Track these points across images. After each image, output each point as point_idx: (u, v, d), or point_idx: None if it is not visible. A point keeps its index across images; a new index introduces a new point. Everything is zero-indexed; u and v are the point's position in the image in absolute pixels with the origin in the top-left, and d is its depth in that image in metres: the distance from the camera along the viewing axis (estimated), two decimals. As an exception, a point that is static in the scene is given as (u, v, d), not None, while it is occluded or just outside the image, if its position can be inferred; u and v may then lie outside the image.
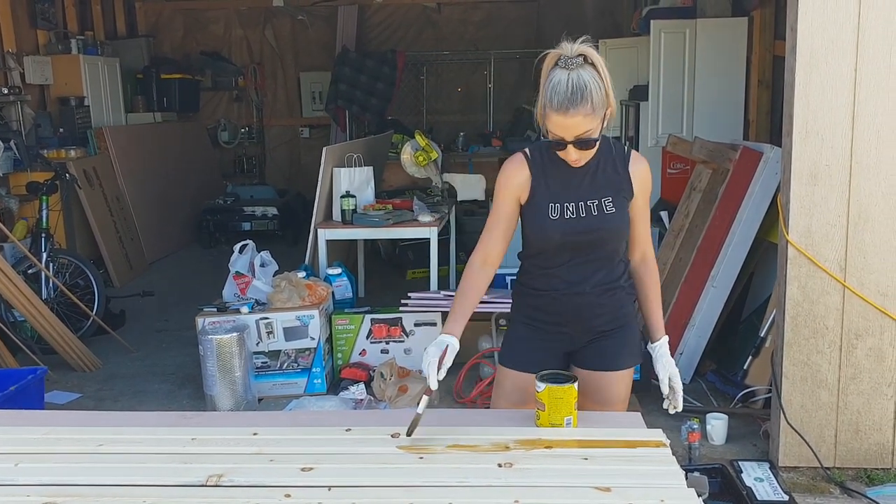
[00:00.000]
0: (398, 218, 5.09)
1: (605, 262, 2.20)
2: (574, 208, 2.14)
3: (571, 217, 2.14)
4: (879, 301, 3.21)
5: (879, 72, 3.10)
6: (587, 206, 2.14)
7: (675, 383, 2.21)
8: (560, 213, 2.14)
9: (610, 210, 2.15)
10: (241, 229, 8.27)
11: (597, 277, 2.20)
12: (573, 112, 1.97)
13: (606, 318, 2.24)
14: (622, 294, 2.26)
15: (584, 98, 1.96)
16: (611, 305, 2.24)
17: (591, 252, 2.18)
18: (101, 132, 7.38)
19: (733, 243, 4.30)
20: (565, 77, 1.98)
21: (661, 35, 5.91)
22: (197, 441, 1.91)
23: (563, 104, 1.97)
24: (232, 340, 4.02)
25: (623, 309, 2.27)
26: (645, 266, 2.30)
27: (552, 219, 2.14)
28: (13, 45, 6.75)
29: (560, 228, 2.14)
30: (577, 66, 1.98)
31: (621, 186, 2.17)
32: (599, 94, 1.98)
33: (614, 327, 2.26)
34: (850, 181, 3.17)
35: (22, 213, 6.01)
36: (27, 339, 4.85)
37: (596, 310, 2.22)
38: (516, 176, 2.17)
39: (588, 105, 1.97)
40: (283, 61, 10.07)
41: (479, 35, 9.78)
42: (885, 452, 3.33)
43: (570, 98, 1.97)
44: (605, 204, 2.15)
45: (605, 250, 2.19)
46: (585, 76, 1.98)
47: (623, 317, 2.27)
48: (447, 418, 2.07)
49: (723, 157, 4.48)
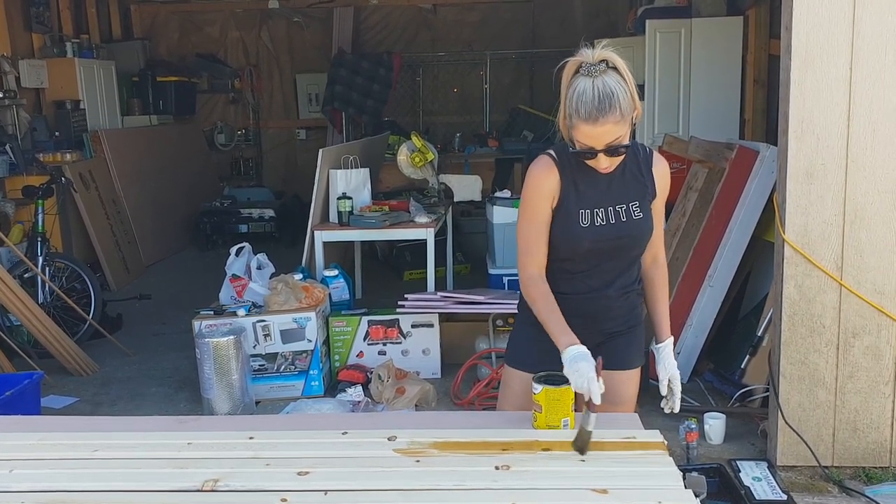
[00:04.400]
0: (395, 219, 5.08)
1: (627, 267, 2.20)
2: (604, 214, 2.11)
3: (602, 224, 2.11)
4: (876, 299, 3.21)
5: (874, 70, 3.10)
6: (616, 212, 2.11)
7: (675, 385, 2.21)
8: (591, 220, 2.10)
9: (638, 215, 2.13)
10: (238, 231, 8.28)
11: (618, 282, 2.19)
12: (603, 121, 1.93)
13: (619, 321, 2.25)
14: (634, 297, 2.26)
15: (612, 105, 1.92)
16: (625, 308, 2.24)
17: (616, 257, 2.16)
18: (96, 135, 7.37)
19: (730, 242, 4.29)
20: (590, 85, 1.93)
21: (657, 35, 5.92)
22: (193, 446, 1.90)
23: (592, 113, 1.92)
24: (229, 343, 4.01)
25: (634, 311, 2.27)
26: (656, 267, 2.29)
27: (583, 226, 2.10)
28: (8, 49, 6.74)
29: (590, 236, 2.10)
30: (600, 73, 1.94)
31: (646, 189, 2.15)
32: (626, 99, 1.94)
33: (624, 328, 2.26)
34: (846, 179, 3.17)
35: (18, 217, 6.00)
36: (23, 343, 4.84)
37: (611, 312, 2.22)
38: (548, 180, 2.11)
39: (617, 112, 1.93)
40: (279, 63, 10.06)
41: (474, 36, 9.78)
42: (882, 451, 3.32)
43: (599, 107, 1.92)
44: (633, 209, 2.12)
45: (630, 255, 2.18)
46: (611, 82, 1.93)
47: (633, 318, 2.28)
48: (444, 420, 2.07)
49: (719, 157, 4.49)
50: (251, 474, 1.74)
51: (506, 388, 2.34)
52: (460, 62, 9.87)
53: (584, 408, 1.86)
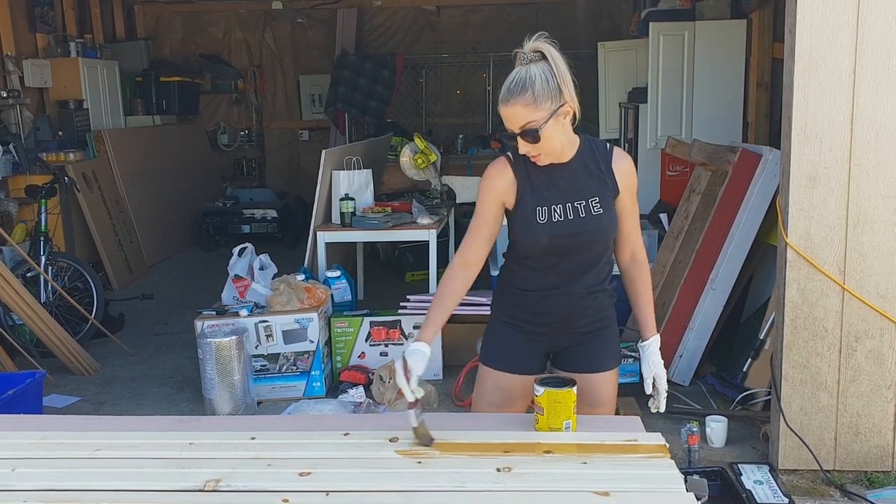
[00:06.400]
0: (397, 220, 5.08)
1: (593, 264, 2.20)
2: (562, 210, 2.13)
3: (559, 220, 2.12)
4: (879, 303, 3.20)
5: (878, 74, 3.10)
6: (574, 208, 2.13)
7: (660, 384, 2.21)
8: (548, 216, 2.13)
9: (597, 211, 2.14)
10: (241, 232, 8.28)
11: (584, 279, 2.20)
12: (512, 102, 2.01)
13: (589, 321, 2.25)
14: (604, 297, 2.26)
15: (523, 88, 1.99)
16: (594, 308, 2.24)
17: (579, 254, 2.17)
18: (100, 135, 7.38)
19: (732, 245, 4.29)
20: (516, 71, 2.03)
21: (660, 37, 5.92)
22: (194, 446, 1.90)
23: (505, 95, 2.03)
24: (231, 344, 4.02)
25: (605, 311, 2.27)
26: (635, 265, 2.29)
27: (540, 223, 2.13)
28: (12, 49, 6.75)
29: (548, 232, 2.12)
30: (528, 62, 2.02)
31: (606, 185, 2.16)
32: (544, 87, 1.99)
33: (596, 329, 2.26)
34: (849, 183, 3.16)
35: (21, 217, 6.01)
36: (26, 342, 4.85)
37: (580, 311, 2.22)
38: (501, 179, 2.17)
39: (527, 95, 1.99)
40: (282, 64, 10.07)
41: (477, 38, 9.78)
42: (885, 455, 3.32)
43: (511, 89, 2.01)
44: (593, 205, 2.14)
45: (594, 251, 2.18)
46: (535, 70, 2.00)
47: (604, 319, 2.28)
48: (446, 422, 2.07)
49: (722, 160, 4.48)
50: (253, 475, 1.74)
51: (479, 387, 2.33)
52: (463, 64, 9.88)
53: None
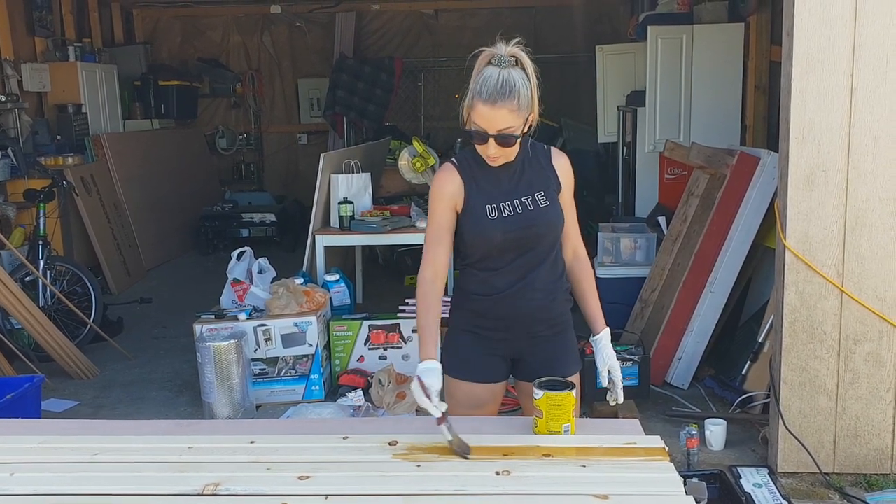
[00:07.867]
0: (396, 224, 5.08)
1: (545, 258, 2.22)
2: (510, 206, 2.17)
3: (510, 214, 2.17)
4: (877, 306, 3.21)
5: (876, 76, 3.10)
6: (522, 203, 2.18)
7: (615, 375, 2.22)
8: (498, 212, 2.17)
9: (544, 203, 2.19)
10: (239, 236, 8.28)
11: (541, 273, 2.22)
12: (500, 104, 2.02)
13: (547, 324, 2.26)
14: (562, 301, 2.29)
15: (512, 94, 2.02)
16: (552, 311, 2.26)
17: (531, 248, 2.20)
18: (98, 139, 7.38)
19: (731, 248, 4.30)
20: (497, 73, 2.04)
21: (658, 41, 5.92)
22: (193, 450, 1.90)
23: (492, 95, 2.02)
24: (230, 347, 4.01)
25: (563, 316, 2.30)
26: (578, 261, 2.34)
27: (491, 219, 2.16)
28: (11, 53, 6.75)
29: (500, 227, 2.16)
30: (508, 66, 2.04)
31: (549, 181, 2.22)
32: (526, 95, 2.04)
33: (554, 334, 2.28)
34: (847, 186, 3.17)
35: (19, 221, 6.00)
36: (24, 346, 4.84)
37: (537, 314, 2.24)
38: (449, 184, 2.19)
39: (515, 101, 2.02)
40: (280, 68, 10.08)
41: (476, 42, 9.55)
42: (884, 458, 3.32)
43: (500, 90, 2.02)
44: (539, 198, 2.19)
45: (545, 245, 2.22)
46: (516, 76, 2.03)
47: (562, 323, 2.30)
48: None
49: (720, 163, 4.49)
50: (252, 478, 1.74)
51: (451, 400, 2.26)
52: (462, 67, 9.81)
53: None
